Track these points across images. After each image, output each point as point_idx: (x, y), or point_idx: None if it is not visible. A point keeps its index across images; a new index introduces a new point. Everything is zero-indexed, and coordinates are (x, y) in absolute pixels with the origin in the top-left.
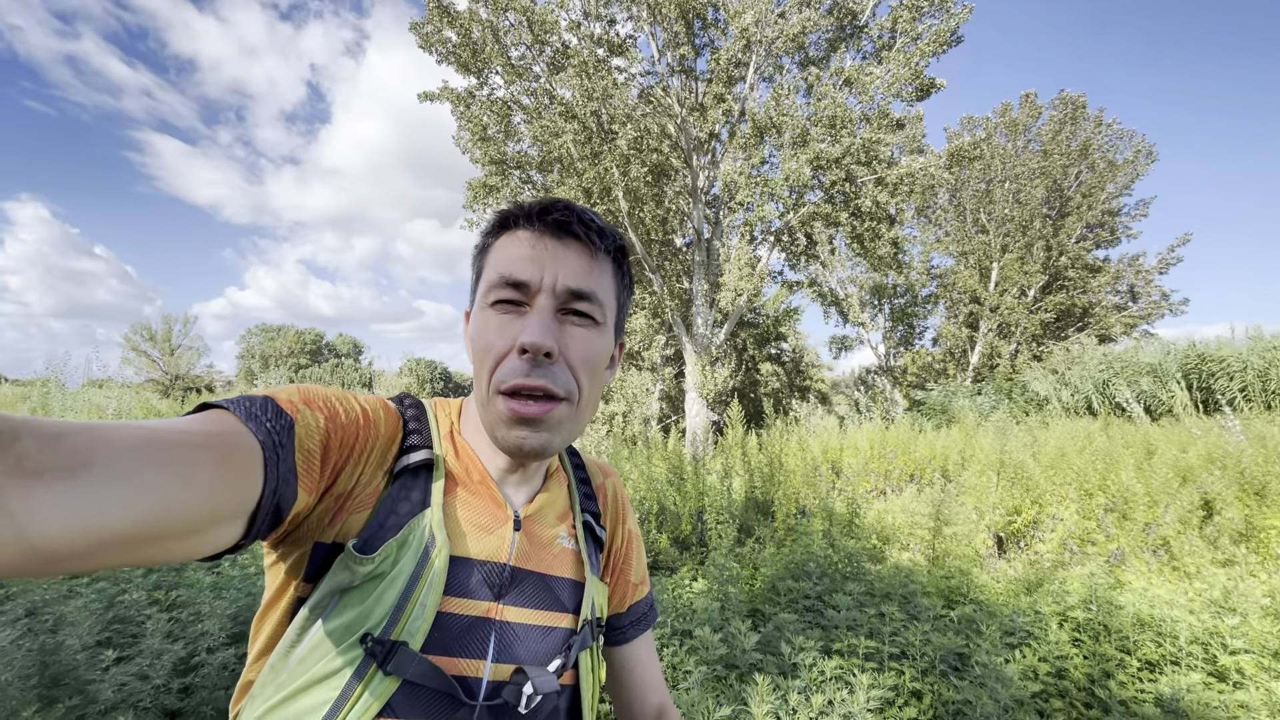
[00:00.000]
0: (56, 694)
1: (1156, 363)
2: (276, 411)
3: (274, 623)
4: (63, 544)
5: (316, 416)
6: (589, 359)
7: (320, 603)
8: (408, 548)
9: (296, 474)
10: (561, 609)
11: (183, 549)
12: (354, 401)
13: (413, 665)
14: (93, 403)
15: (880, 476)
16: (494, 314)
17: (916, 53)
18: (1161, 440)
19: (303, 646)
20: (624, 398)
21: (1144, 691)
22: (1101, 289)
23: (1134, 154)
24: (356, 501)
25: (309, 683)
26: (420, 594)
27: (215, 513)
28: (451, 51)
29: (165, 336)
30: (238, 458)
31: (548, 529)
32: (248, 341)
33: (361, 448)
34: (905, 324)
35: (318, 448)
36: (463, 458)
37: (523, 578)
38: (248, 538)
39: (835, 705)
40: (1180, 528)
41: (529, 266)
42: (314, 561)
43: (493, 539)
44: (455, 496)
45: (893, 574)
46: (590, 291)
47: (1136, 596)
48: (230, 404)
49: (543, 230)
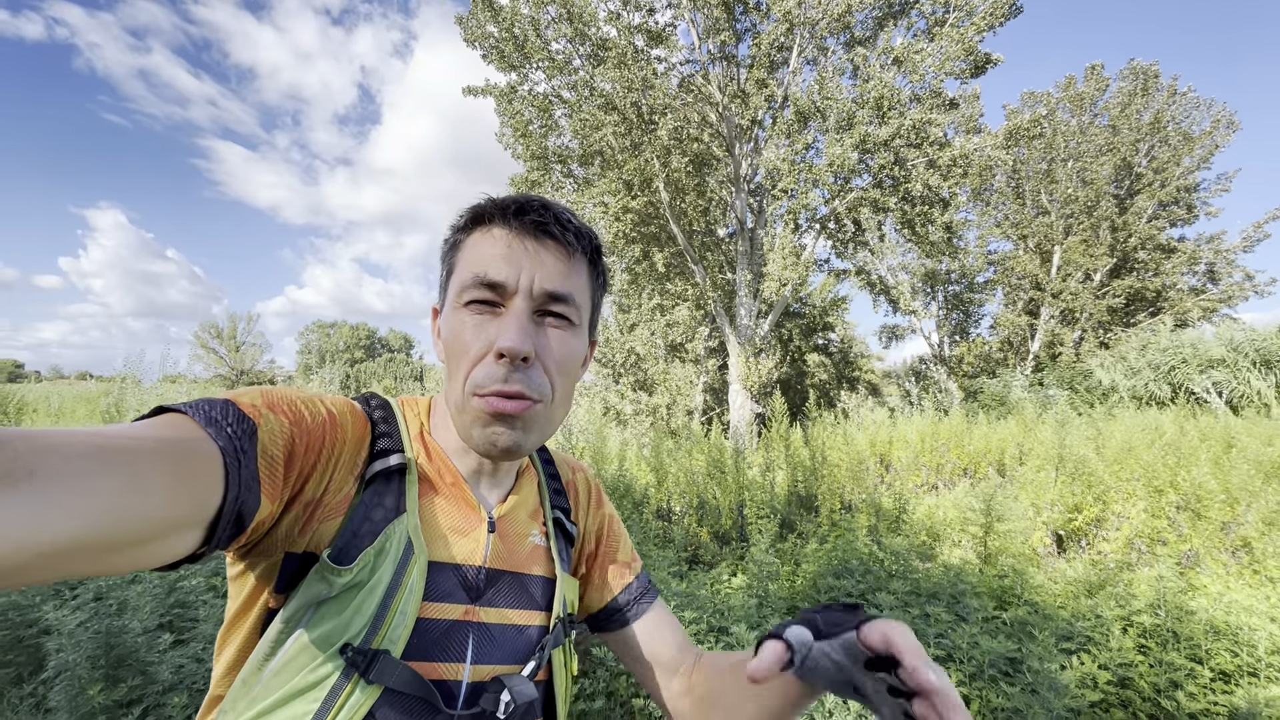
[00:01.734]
0: (120, 674)
1: (1232, 349)
2: (238, 416)
3: (243, 636)
4: (2, 556)
5: (280, 420)
6: (564, 361)
7: (295, 614)
8: (385, 555)
9: (259, 481)
10: (535, 606)
11: (136, 558)
12: (320, 404)
13: (395, 673)
14: (166, 397)
15: (931, 470)
16: (468, 314)
17: (971, 27)
18: (1243, 433)
19: (277, 660)
20: (668, 390)
21: (1216, 704)
22: (1176, 270)
23: (1213, 124)
24: (327, 509)
25: (287, 696)
26: (400, 601)
27: (171, 521)
28: (494, 46)
29: (231, 334)
30: (195, 464)
31: (520, 528)
32: (305, 338)
33: (329, 453)
34: (960, 311)
35: (281, 453)
36: (435, 459)
37: (498, 578)
38: (208, 546)
39: None
40: (1264, 528)
41: (505, 267)
42: (285, 572)
43: (468, 541)
44: (430, 500)
45: (941, 573)
46: (567, 294)
47: (1211, 601)
48: (188, 407)
49: (519, 230)
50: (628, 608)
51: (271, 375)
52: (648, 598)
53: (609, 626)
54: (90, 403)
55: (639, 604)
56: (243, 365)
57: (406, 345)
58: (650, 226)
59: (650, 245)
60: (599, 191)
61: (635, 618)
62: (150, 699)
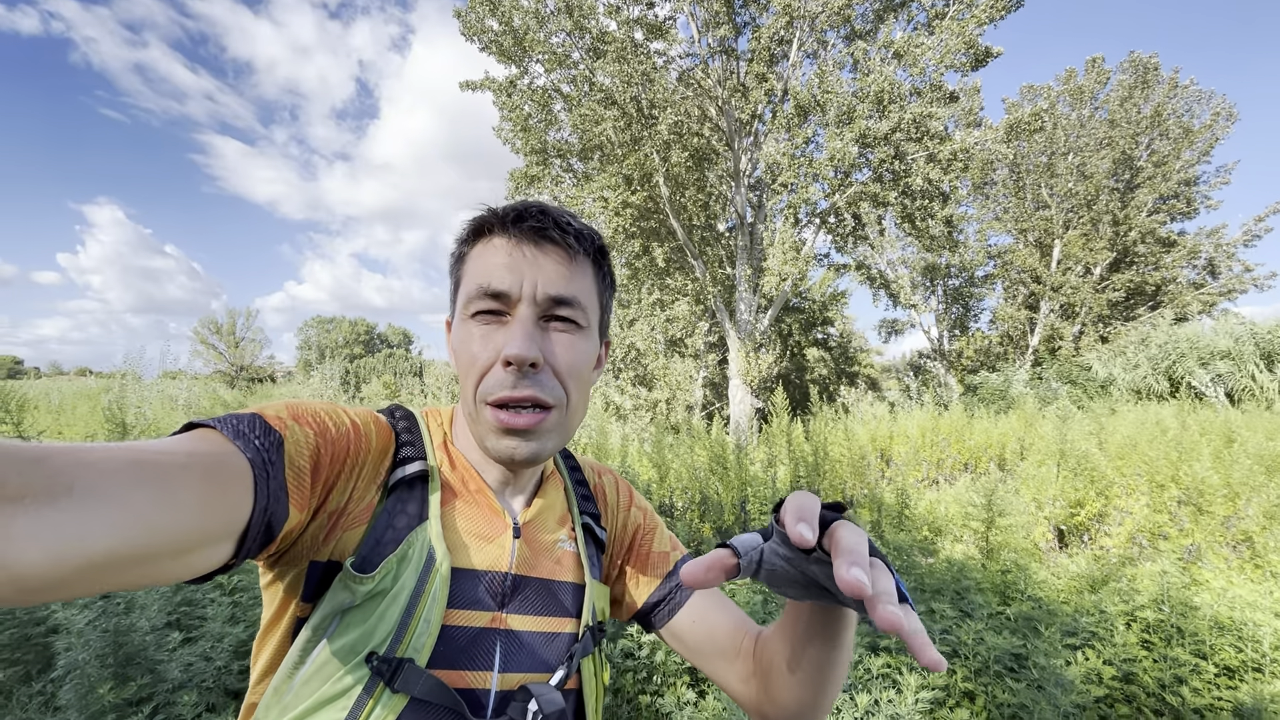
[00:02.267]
0: (129, 672)
1: (1232, 343)
2: (265, 428)
3: (275, 644)
4: (44, 570)
5: (306, 432)
6: (574, 364)
7: (322, 623)
8: (408, 563)
9: (287, 491)
10: (564, 613)
11: (171, 570)
12: (344, 415)
13: (420, 682)
14: (166, 393)
15: (932, 465)
16: (475, 325)
17: (971, 20)
18: (1244, 427)
19: (306, 668)
20: (668, 385)
21: (1221, 700)
22: (1176, 264)
23: (1212, 117)
24: (351, 518)
25: (316, 705)
26: (424, 609)
27: (203, 533)
28: (494, 40)
29: (230, 330)
30: (225, 477)
31: (548, 534)
32: (305, 333)
33: (353, 462)
34: (960, 306)
35: (308, 464)
36: (458, 467)
37: (525, 585)
38: (238, 557)
39: (882, 705)
40: (1265, 522)
41: (507, 275)
42: (311, 581)
43: (493, 548)
44: (453, 507)
45: (945, 568)
46: (571, 297)
47: (1215, 597)
48: (217, 422)
49: (519, 237)
50: (670, 598)
51: (271, 371)
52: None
53: (656, 622)
54: (91, 399)
55: (680, 592)
56: (242, 361)
57: (406, 340)
58: (650, 221)
59: (650, 240)
60: (599, 186)
61: (679, 606)
62: (160, 697)
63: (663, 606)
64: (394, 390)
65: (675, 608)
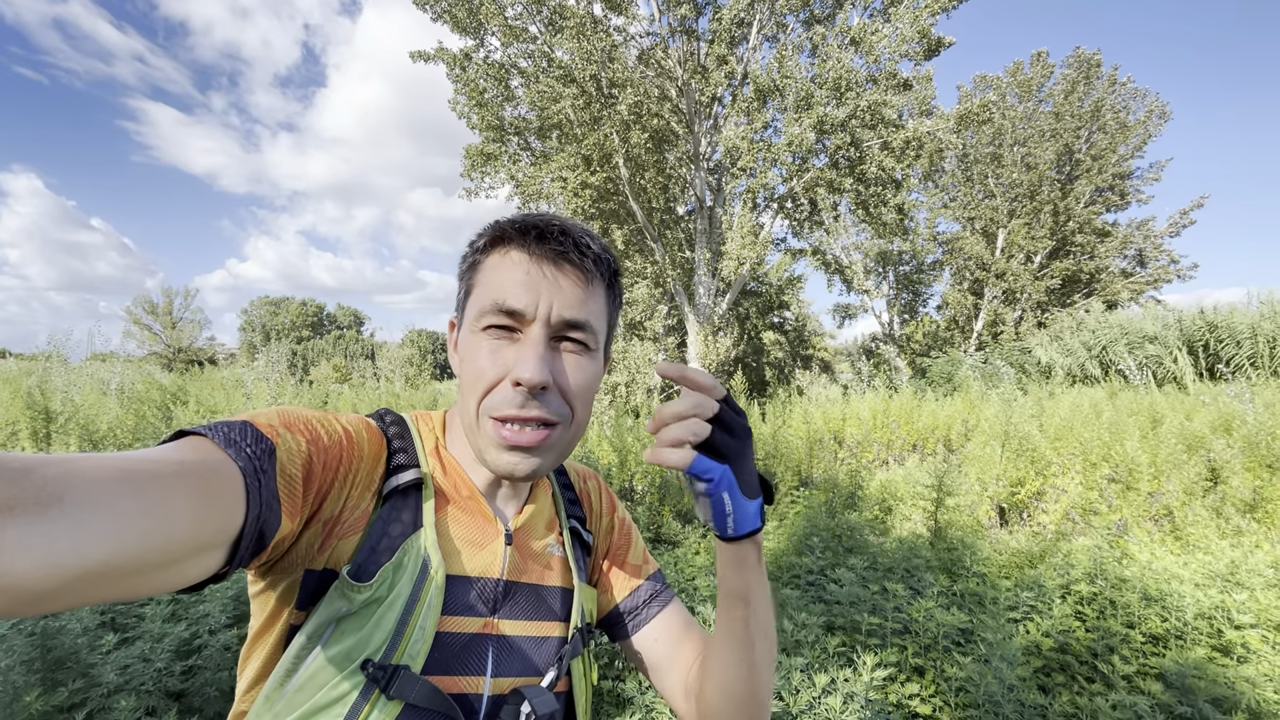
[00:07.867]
0: (59, 677)
1: (1159, 329)
2: (256, 436)
3: (266, 652)
4: (37, 581)
5: (298, 440)
6: (581, 385)
7: (316, 631)
8: (403, 571)
9: (279, 500)
10: (554, 617)
11: (163, 580)
12: (335, 423)
13: (416, 688)
14: (96, 377)
15: (883, 446)
16: (485, 339)
17: (925, 9)
18: (1168, 409)
19: (299, 676)
20: (626, 368)
21: (1148, 666)
22: (1109, 254)
23: (1146, 114)
24: (345, 526)
25: (310, 712)
26: (419, 616)
27: (195, 542)
28: (447, 10)
29: (167, 310)
30: (217, 485)
31: (537, 539)
32: (249, 314)
33: (346, 470)
34: (910, 291)
35: (300, 472)
36: (450, 474)
37: (516, 590)
38: (230, 566)
39: (838, 684)
40: (1185, 497)
41: (524, 295)
42: (306, 589)
43: (485, 554)
44: (446, 514)
45: (896, 548)
46: (585, 321)
47: (1141, 569)
48: (208, 430)
49: (539, 256)
50: (632, 614)
51: (212, 353)
52: (658, 601)
53: (616, 634)
54: (11, 383)
55: (647, 608)
56: (180, 343)
57: (357, 321)
58: (609, 203)
59: (609, 222)
60: (557, 166)
61: (643, 623)
62: (94, 702)
63: (629, 618)
64: (345, 373)
65: (641, 623)
